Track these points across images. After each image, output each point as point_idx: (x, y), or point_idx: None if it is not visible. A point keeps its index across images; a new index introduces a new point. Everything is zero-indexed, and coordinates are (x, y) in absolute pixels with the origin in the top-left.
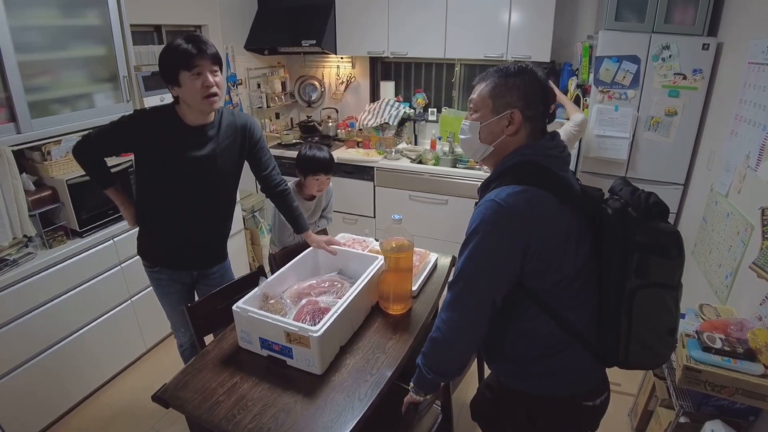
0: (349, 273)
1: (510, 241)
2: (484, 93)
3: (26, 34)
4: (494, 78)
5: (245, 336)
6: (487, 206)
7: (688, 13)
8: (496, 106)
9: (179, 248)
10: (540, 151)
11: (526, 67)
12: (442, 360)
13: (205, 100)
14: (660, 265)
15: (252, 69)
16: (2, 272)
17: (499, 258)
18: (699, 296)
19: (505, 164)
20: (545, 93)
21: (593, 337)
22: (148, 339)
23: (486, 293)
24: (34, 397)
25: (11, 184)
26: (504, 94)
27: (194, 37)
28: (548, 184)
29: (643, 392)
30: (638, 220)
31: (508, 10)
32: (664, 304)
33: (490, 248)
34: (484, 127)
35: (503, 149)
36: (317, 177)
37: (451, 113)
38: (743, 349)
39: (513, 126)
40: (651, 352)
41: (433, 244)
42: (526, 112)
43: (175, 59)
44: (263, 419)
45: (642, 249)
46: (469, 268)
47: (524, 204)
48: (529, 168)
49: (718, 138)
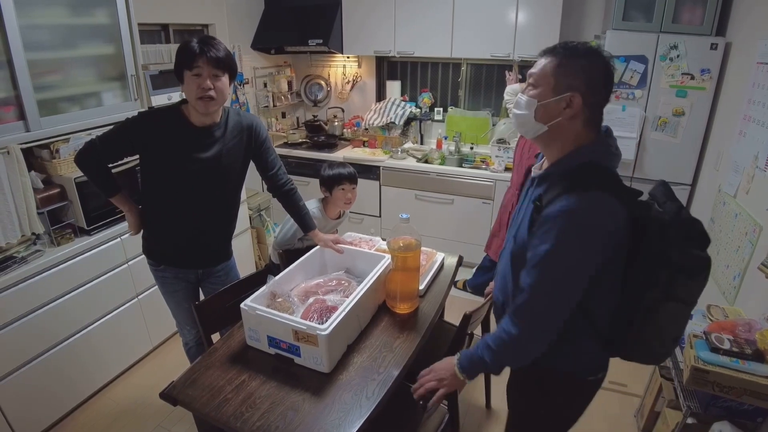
0: (355, 272)
1: (591, 251)
2: (547, 69)
3: (35, 33)
4: (561, 55)
5: (253, 334)
6: (566, 219)
7: (696, 13)
8: (557, 86)
9: (184, 247)
10: (606, 149)
11: (596, 49)
12: (516, 358)
13: (198, 101)
14: (685, 285)
15: (258, 68)
16: (10, 270)
17: (584, 269)
18: (706, 297)
19: (571, 162)
20: (609, 79)
21: (607, 329)
22: (155, 337)
23: (567, 303)
24: (41, 394)
25: (20, 182)
26: (568, 75)
27: (205, 38)
28: (616, 189)
29: (650, 393)
30: (678, 241)
31: (515, 9)
32: (676, 317)
33: (575, 263)
34: (541, 106)
35: (558, 132)
36: (342, 186)
37: (458, 113)
38: (751, 350)
39: (571, 110)
40: (652, 353)
41: (439, 243)
42: (587, 98)
43: (181, 57)
44: (271, 417)
45: (674, 267)
46: (552, 283)
47: (602, 213)
48: (599, 171)
49: (726, 138)
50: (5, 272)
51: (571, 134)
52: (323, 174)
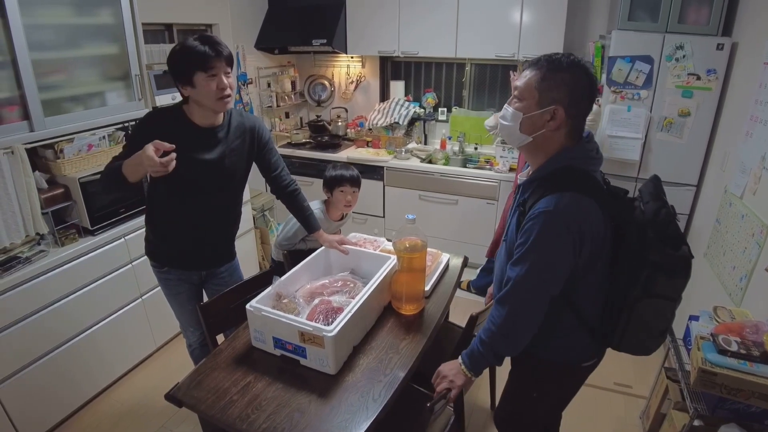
0: (361, 273)
1: (567, 248)
2: (532, 82)
3: (40, 33)
4: (544, 69)
5: (258, 335)
6: (544, 218)
7: (702, 13)
8: (541, 100)
9: (188, 249)
10: (585, 154)
11: (578, 62)
12: (506, 344)
13: (219, 101)
14: (666, 283)
15: (262, 68)
16: (15, 270)
17: (560, 265)
18: (712, 298)
19: (552, 166)
20: (592, 90)
21: (598, 324)
22: (159, 337)
23: (546, 294)
24: (45, 394)
25: (24, 182)
26: (551, 89)
27: (208, 38)
28: (592, 190)
29: (656, 395)
30: (655, 242)
31: (520, 9)
32: (662, 312)
33: (551, 258)
34: (526, 119)
35: (542, 142)
36: (342, 188)
37: (462, 113)
38: (759, 352)
39: (555, 122)
40: (641, 345)
41: (443, 244)
42: (570, 110)
43: (192, 60)
44: (277, 419)
45: (652, 267)
46: (532, 276)
47: (578, 212)
48: (575, 173)
49: (733, 139)
50: (10, 272)
51: (554, 144)
52: (326, 174)
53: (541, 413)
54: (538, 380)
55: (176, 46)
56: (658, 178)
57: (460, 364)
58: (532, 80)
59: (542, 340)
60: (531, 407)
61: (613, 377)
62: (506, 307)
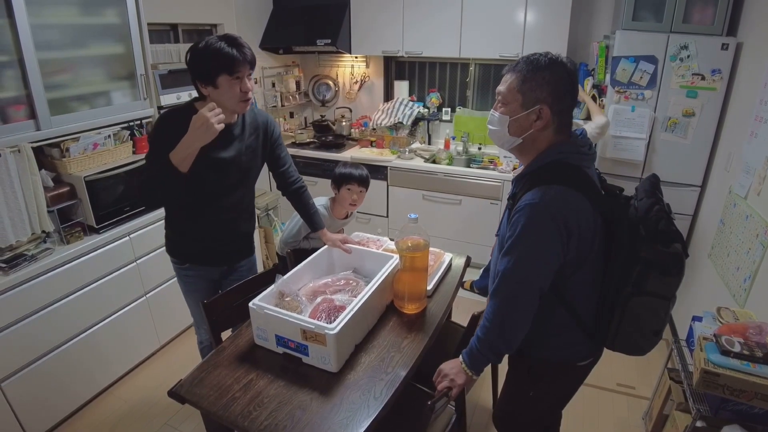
0: (363, 272)
1: (553, 240)
2: (513, 86)
3: (46, 32)
4: (524, 71)
5: (261, 333)
6: (529, 211)
7: (707, 13)
8: (525, 101)
9: (209, 246)
10: (574, 149)
11: (556, 60)
12: (501, 339)
13: (241, 103)
14: (658, 280)
15: (267, 68)
16: (20, 267)
17: (546, 256)
18: (716, 299)
19: (542, 161)
20: (574, 86)
21: (592, 322)
22: (162, 335)
23: (536, 285)
24: (50, 391)
25: (30, 181)
26: (534, 89)
27: (234, 39)
28: (581, 184)
29: (658, 396)
30: (645, 239)
31: (524, 9)
32: (655, 311)
33: (537, 250)
34: (513, 121)
35: (532, 142)
36: (349, 186)
37: (466, 113)
38: (762, 353)
39: (541, 121)
40: (635, 345)
41: (447, 244)
42: (555, 107)
43: (218, 62)
44: (279, 416)
45: (644, 264)
46: (520, 267)
47: (563, 204)
48: (564, 168)
49: (737, 139)
50: (15, 270)
51: (544, 141)
52: (335, 171)
53: (538, 412)
54: (535, 379)
55: (199, 44)
56: (656, 177)
57: (461, 363)
58: (513, 83)
59: (537, 338)
60: (528, 406)
61: (616, 378)
62: (497, 299)
